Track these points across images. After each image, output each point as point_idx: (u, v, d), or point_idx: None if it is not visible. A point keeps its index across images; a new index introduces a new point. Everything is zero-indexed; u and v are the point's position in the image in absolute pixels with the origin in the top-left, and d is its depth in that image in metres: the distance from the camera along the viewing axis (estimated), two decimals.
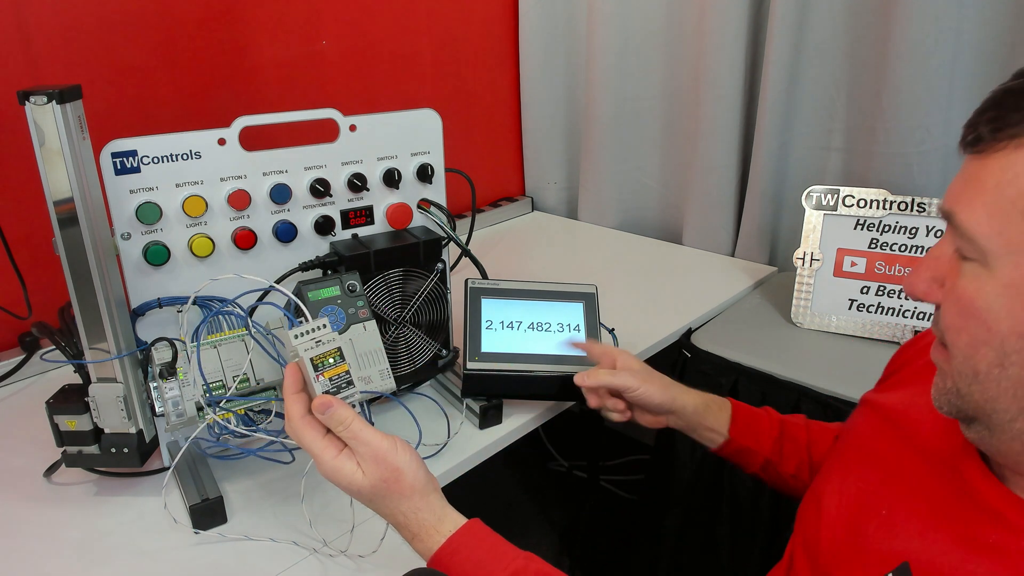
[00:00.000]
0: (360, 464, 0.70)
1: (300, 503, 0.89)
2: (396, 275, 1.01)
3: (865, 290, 1.29)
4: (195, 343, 0.86)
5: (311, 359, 0.73)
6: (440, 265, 1.05)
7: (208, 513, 0.86)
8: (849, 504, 0.70)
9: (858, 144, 1.43)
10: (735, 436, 0.95)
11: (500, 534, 0.88)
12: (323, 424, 0.71)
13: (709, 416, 0.95)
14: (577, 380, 0.96)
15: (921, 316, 1.24)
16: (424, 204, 1.06)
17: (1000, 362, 0.51)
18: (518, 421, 1.06)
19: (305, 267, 0.98)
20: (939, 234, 1.21)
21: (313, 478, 0.93)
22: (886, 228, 1.26)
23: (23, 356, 1.19)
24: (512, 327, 1.05)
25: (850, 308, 1.30)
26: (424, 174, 1.04)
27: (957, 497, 0.60)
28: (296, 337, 0.74)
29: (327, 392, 0.73)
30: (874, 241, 1.27)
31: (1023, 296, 0.49)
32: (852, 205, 1.27)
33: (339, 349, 0.75)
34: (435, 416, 1.06)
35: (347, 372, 0.74)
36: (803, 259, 1.32)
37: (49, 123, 0.75)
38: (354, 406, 0.73)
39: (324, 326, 0.75)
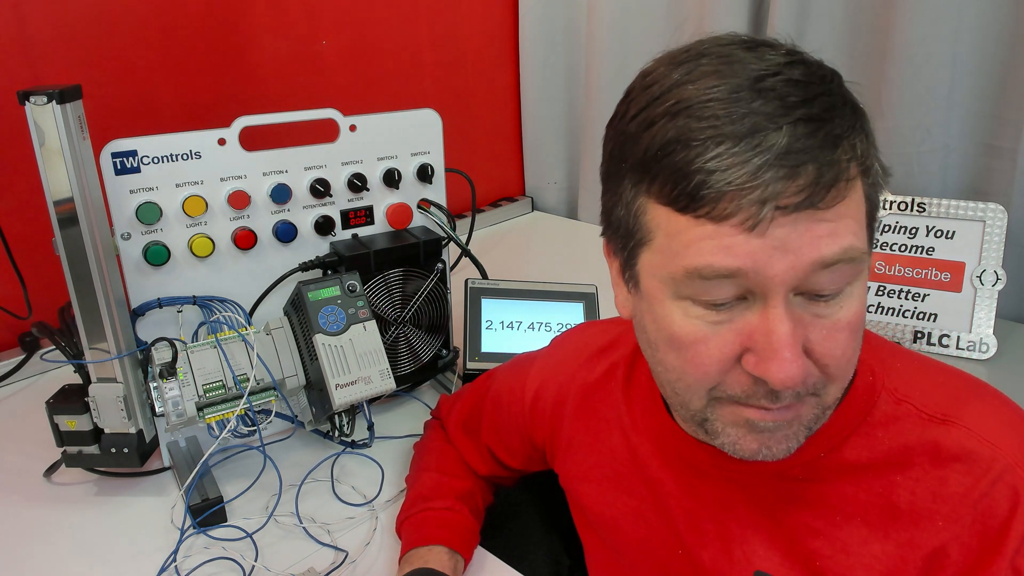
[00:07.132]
0: None
1: (299, 503, 0.89)
2: (396, 275, 1.01)
3: None
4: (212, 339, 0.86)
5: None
6: (440, 265, 1.05)
7: (208, 513, 0.86)
8: None
9: None
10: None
11: (501, 534, 0.88)
12: None
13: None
14: None
15: (922, 316, 1.24)
16: (424, 204, 1.05)
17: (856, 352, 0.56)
18: None
19: (305, 267, 0.98)
20: (939, 234, 1.21)
21: (313, 479, 0.93)
22: (886, 228, 1.26)
23: (23, 356, 1.18)
24: (512, 327, 1.05)
25: None
26: (424, 174, 1.04)
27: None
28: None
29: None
30: (874, 241, 1.27)
31: (863, 297, 0.54)
32: None
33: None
34: None
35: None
36: None
37: (49, 123, 0.75)
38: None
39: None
